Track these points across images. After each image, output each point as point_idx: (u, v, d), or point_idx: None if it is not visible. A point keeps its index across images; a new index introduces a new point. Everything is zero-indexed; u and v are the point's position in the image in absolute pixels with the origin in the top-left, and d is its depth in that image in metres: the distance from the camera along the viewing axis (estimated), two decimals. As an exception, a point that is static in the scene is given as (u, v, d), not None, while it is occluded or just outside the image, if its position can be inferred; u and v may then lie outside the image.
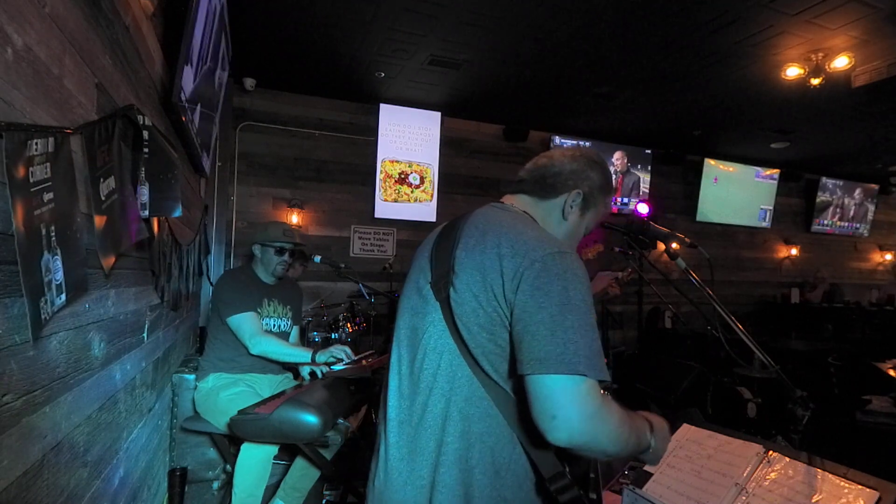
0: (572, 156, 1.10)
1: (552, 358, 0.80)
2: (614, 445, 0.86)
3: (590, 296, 0.88)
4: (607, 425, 0.84)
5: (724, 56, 3.93)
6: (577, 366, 0.80)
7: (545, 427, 0.80)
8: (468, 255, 0.93)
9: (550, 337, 0.82)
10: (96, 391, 1.31)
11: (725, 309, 1.38)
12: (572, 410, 0.79)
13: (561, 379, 0.80)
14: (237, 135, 4.82)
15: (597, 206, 1.11)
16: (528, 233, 0.93)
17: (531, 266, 0.86)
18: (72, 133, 1.02)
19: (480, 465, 0.90)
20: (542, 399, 0.81)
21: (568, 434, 0.80)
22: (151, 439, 2.09)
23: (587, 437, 0.81)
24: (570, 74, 4.41)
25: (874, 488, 0.98)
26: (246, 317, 2.36)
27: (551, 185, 1.08)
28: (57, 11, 1.01)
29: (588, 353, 0.82)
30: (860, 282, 8.63)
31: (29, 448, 0.92)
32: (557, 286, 0.85)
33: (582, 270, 0.89)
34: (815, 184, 7.93)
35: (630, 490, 1.27)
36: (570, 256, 0.89)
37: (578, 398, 0.80)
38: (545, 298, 0.84)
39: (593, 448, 0.83)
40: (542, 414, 0.81)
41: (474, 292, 0.90)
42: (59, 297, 0.96)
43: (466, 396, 0.91)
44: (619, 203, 6.53)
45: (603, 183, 1.10)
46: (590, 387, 0.81)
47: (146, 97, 1.81)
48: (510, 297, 0.87)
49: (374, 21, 3.54)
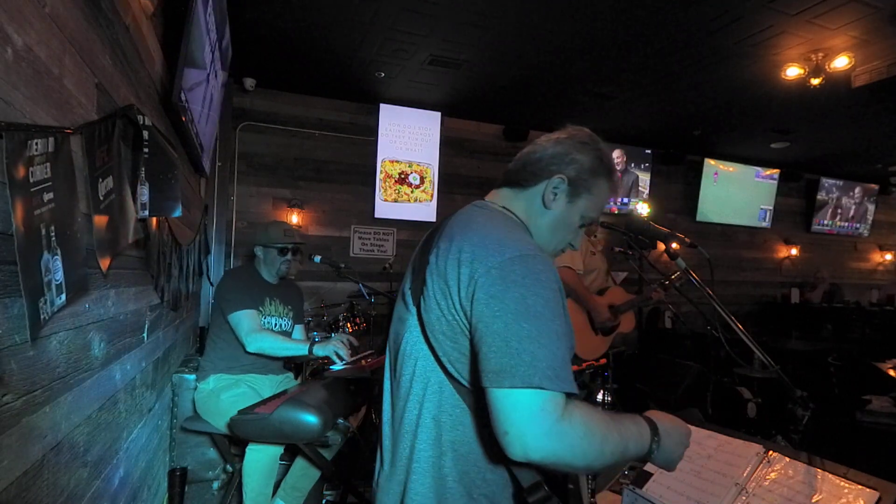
0: (557, 139, 1.00)
1: (505, 370, 0.76)
2: (582, 459, 0.78)
3: (557, 302, 0.82)
4: (569, 440, 0.76)
5: (724, 56, 3.93)
6: (531, 378, 0.74)
7: (500, 442, 0.76)
8: (437, 260, 0.90)
9: (504, 348, 0.77)
10: (96, 391, 1.31)
11: (725, 309, 1.38)
12: (524, 427, 0.74)
13: (513, 393, 0.75)
14: (237, 135, 4.82)
15: (590, 190, 1.00)
16: (493, 235, 0.87)
17: (487, 273, 0.81)
18: (72, 133, 1.02)
19: (453, 475, 0.87)
20: (496, 413, 0.77)
21: (522, 451, 0.74)
22: (151, 439, 2.09)
23: (545, 454, 0.75)
24: (570, 74, 4.41)
25: (874, 488, 0.98)
26: (246, 314, 2.37)
27: (531, 173, 1.00)
28: (57, 11, 1.01)
29: (546, 364, 0.76)
30: (860, 282, 8.62)
31: (29, 448, 0.92)
32: (514, 293, 0.79)
33: (547, 274, 0.83)
34: (815, 184, 7.93)
35: (630, 490, 1.27)
36: (533, 260, 0.83)
37: (531, 414, 0.74)
38: (500, 306, 0.79)
39: (556, 464, 0.77)
40: (496, 429, 0.77)
41: (437, 300, 0.87)
42: (59, 297, 0.96)
43: (439, 403, 0.89)
44: (618, 203, 6.53)
45: (595, 165, 0.99)
46: (546, 401, 0.75)
47: (146, 97, 1.81)
48: (465, 305, 0.83)
49: (374, 21, 3.54)
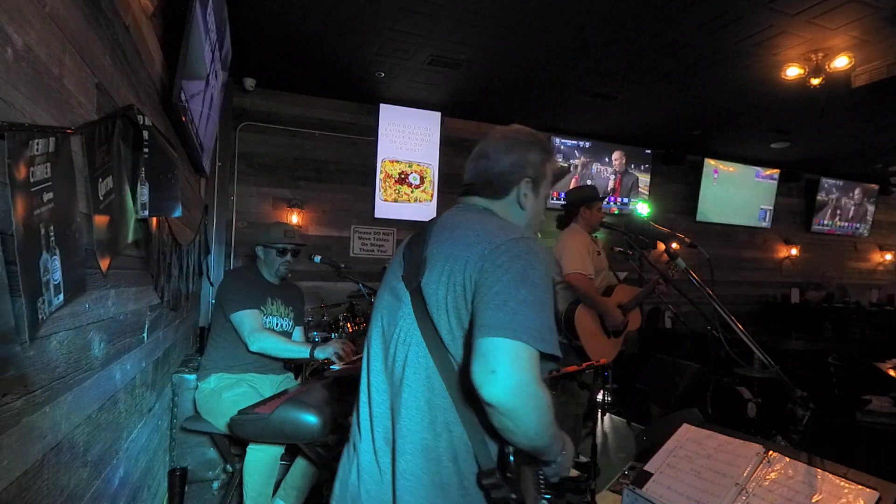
0: (507, 147, 1.10)
1: (500, 324, 0.84)
2: (539, 424, 0.86)
3: (549, 279, 0.93)
4: (539, 400, 0.85)
5: (724, 56, 3.93)
6: (522, 334, 0.83)
7: (482, 381, 0.82)
8: (439, 247, 0.99)
9: (502, 306, 0.86)
10: (96, 391, 1.31)
11: (725, 309, 1.38)
12: (511, 370, 0.82)
13: (504, 341, 0.83)
14: (237, 135, 4.82)
15: (546, 176, 1.14)
16: (493, 223, 1.01)
17: (496, 249, 0.92)
18: (72, 133, 1.02)
19: (448, 454, 0.93)
20: (484, 355, 0.84)
21: (502, 391, 0.81)
22: (151, 439, 2.09)
23: (519, 401, 0.82)
24: (570, 74, 4.41)
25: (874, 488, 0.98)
26: (248, 313, 2.38)
27: (500, 186, 1.10)
28: (57, 11, 1.01)
29: (535, 326, 0.85)
30: (860, 282, 8.62)
31: (29, 448, 0.92)
32: (518, 265, 0.90)
33: (544, 255, 0.94)
34: (815, 184, 7.93)
35: (630, 490, 1.27)
36: (532, 241, 0.96)
37: (518, 361, 0.83)
38: (503, 274, 0.89)
39: (520, 417, 0.83)
40: (482, 368, 0.83)
41: (444, 279, 0.95)
42: (57, 297, 0.96)
43: (432, 387, 0.95)
44: (619, 203, 6.53)
45: (542, 157, 1.12)
46: (530, 356, 0.84)
47: (146, 97, 1.81)
48: (475, 278, 0.92)
49: (374, 21, 3.54)
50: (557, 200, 6.10)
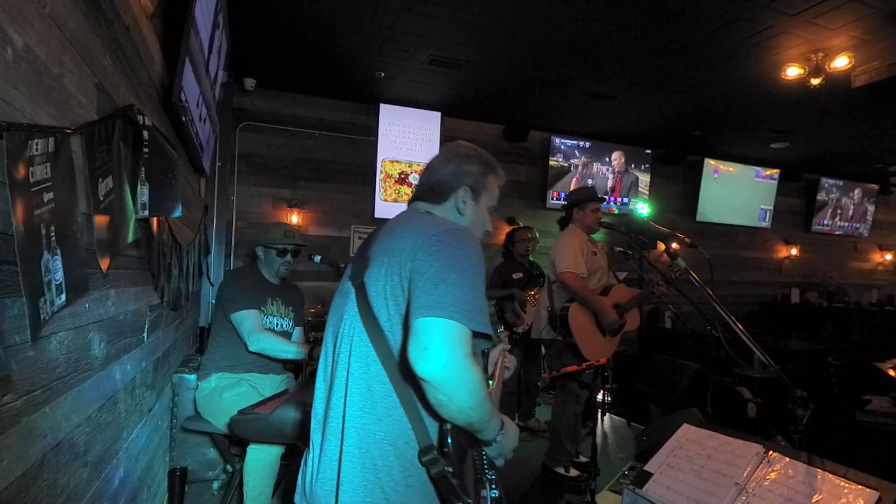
0: (447, 159, 1.22)
1: (431, 305, 0.91)
2: (471, 398, 0.91)
3: (480, 266, 1.00)
4: (471, 376, 0.90)
5: (724, 56, 3.93)
6: (452, 313, 0.90)
7: (416, 357, 0.88)
8: (381, 245, 1.08)
9: (433, 289, 0.93)
10: (96, 391, 1.31)
11: (725, 309, 1.38)
12: (442, 346, 0.88)
13: (435, 320, 0.90)
14: (237, 135, 4.82)
15: (487, 187, 1.23)
16: (431, 219, 1.11)
17: (428, 239, 1.00)
18: (72, 133, 1.02)
19: (388, 439, 0.98)
20: (418, 334, 0.89)
21: (434, 366, 0.87)
22: (151, 439, 2.09)
23: (450, 375, 0.87)
24: (570, 74, 4.41)
25: (874, 488, 0.98)
26: (248, 313, 2.38)
27: (440, 193, 1.20)
28: (57, 11, 1.01)
29: (466, 307, 0.92)
30: (860, 282, 8.62)
31: (29, 448, 0.92)
32: (448, 252, 0.98)
33: (474, 246, 1.02)
34: (815, 184, 7.93)
35: (630, 490, 1.27)
36: (463, 233, 1.04)
37: (448, 338, 0.89)
38: (435, 261, 0.96)
39: (452, 391, 0.89)
40: (415, 346, 0.89)
41: (383, 271, 1.03)
42: (59, 297, 0.96)
43: (373, 373, 1.01)
44: (618, 203, 6.53)
45: (483, 169, 1.22)
46: (462, 334, 0.91)
47: (146, 97, 1.81)
48: (410, 266, 0.99)
49: (374, 21, 3.54)
50: (558, 200, 6.11)
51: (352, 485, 0.97)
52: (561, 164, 6.17)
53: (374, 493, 0.97)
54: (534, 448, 3.49)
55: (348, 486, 0.98)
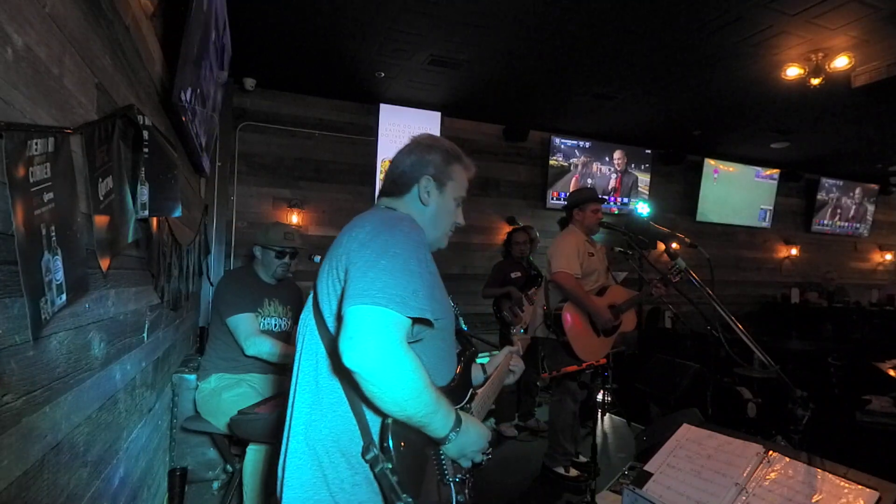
0: (408, 150, 1.20)
1: (358, 292, 0.88)
2: (405, 388, 0.87)
3: (416, 250, 0.97)
4: (402, 363, 0.86)
5: (724, 56, 3.93)
6: (380, 299, 0.87)
7: (343, 347, 0.85)
8: (333, 245, 1.07)
9: (362, 277, 0.90)
10: (96, 391, 1.31)
11: (725, 309, 1.38)
12: (369, 335, 0.85)
13: (362, 307, 0.87)
14: (237, 135, 4.82)
15: (452, 177, 1.20)
16: (376, 213, 1.08)
17: (362, 230, 1.00)
18: (72, 133, 1.02)
19: (331, 435, 0.97)
20: (345, 324, 0.87)
21: (360, 356, 0.84)
22: (151, 439, 2.09)
23: (378, 365, 0.84)
24: (570, 74, 4.41)
25: (874, 488, 0.98)
26: (244, 317, 2.37)
27: (403, 184, 1.18)
28: (57, 11, 1.01)
29: (396, 292, 0.88)
30: (860, 282, 8.62)
31: (29, 448, 0.92)
32: (379, 240, 0.96)
33: (411, 232, 1.00)
34: (815, 184, 7.93)
35: (630, 490, 1.27)
36: (401, 220, 1.02)
37: (375, 326, 0.85)
38: (365, 250, 0.95)
39: (383, 381, 0.85)
40: (343, 336, 0.86)
41: (327, 268, 1.03)
42: (60, 297, 0.96)
43: (320, 370, 1.01)
44: (619, 203, 6.53)
45: (445, 158, 1.19)
46: (391, 321, 0.87)
47: (146, 97, 1.81)
48: (344, 260, 0.98)
49: (374, 21, 3.54)
50: (558, 200, 6.11)
51: (299, 481, 0.97)
52: (561, 163, 6.17)
53: (320, 491, 0.95)
54: (534, 448, 3.49)
55: (295, 482, 0.97)
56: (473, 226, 5.85)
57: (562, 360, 2.89)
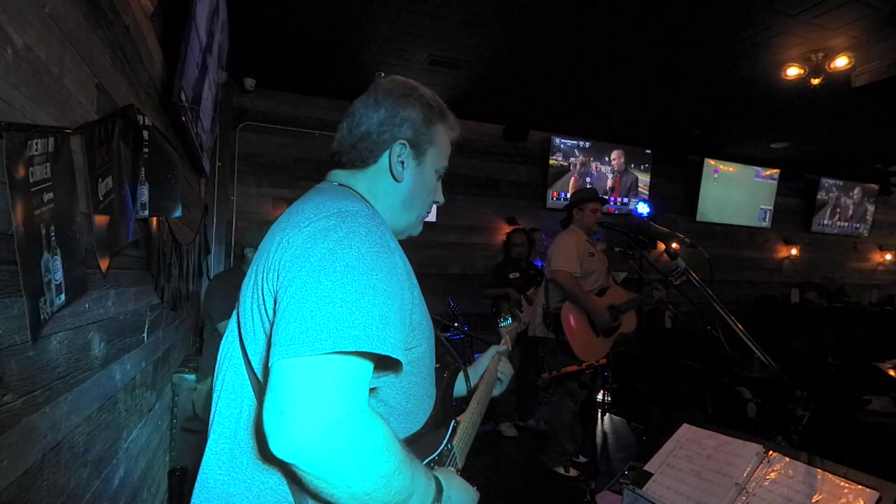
0: (375, 102, 0.86)
1: (291, 337, 0.58)
2: (368, 480, 0.58)
3: (383, 258, 0.67)
4: (362, 442, 0.58)
5: (724, 56, 3.93)
6: (323, 342, 0.57)
7: (269, 428, 0.56)
8: (260, 247, 0.77)
9: (297, 310, 0.60)
10: (96, 391, 1.31)
11: (725, 309, 1.38)
12: (307, 406, 0.55)
13: (295, 361, 0.57)
14: (237, 135, 4.82)
15: (433, 142, 0.88)
16: (317, 199, 0.75)
17: (300, 233, 0.68)
18: (72, 133, 1.02)
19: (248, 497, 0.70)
20: (272, 390, 0.58)
21: (296, 439, 0.54)
22: (151, 439, 2.09)
23: (325, 451, 0.55)
24: (570, 74, 4.41)
25: (874, 488, 0.98)
26: None
27: (366, 150, 0.85)
28: (57, 11, 1.01)
29: (350, 324, 0.59)
30: (860, 282, 8.62)
31: (29, 448, 0.92)
32: (321, 248, 0.64)
33: (369, 229, 0.69)
34: (815, 184, 7.94)
35: (630, 490, 1.27)
36: (353, 216, 0.70)
37: (318, 388, 0.56)
38: (302, 264, 0.64)
39: (332, 475, 0.56)
40: (268, 410, 0.57)
41: (252, 282, 0.74)
42: (59, 297, 0.96)
43: (247, 426, 0.72)
44: (618, 203, 6.53)
45: (426, 115, 0.87)
46: (347, 377, 0.58)
47: (146, 97, 1.81)
48: (271, 279, 0.68)
49: (374, 21, 3.54)
50: (558, 200, 6.11)
51: None
52: (561, 163, 6.17)
53: None
54: (534, 448, 3.49)
55: None
56: (473, 226, 5.85)
57: (562, 360, 2.89)
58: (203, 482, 0.75)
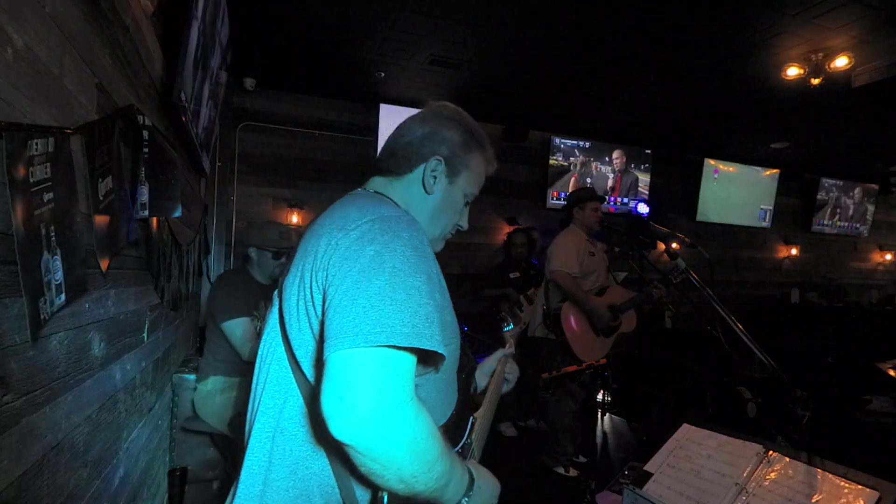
0: (422, 119, 0.95)
1: (347, 330, 0.64)
2: (416, 462, 0.65)
3: (424, 262, 0.73)
4: (413, 429, 0.64)
5: (724, 56, 3.93)
6: (377, 337, 0.63)
7: (329, 413, 0.62)
8: (301, 244, 0.83)
9: (350, 306, 0.66)
10: (96, 391, 1.31)
11: (725, 309, 1.38)
12: (366, 392, 0.61)
13: (354, 353, 0.63)
14: (237, 135, 4.82)
15: (468, 166, 0.96)
16: (358, 204, 0.82)
17: (347, 235, 0.73)
18: (72, 133, 1.02)
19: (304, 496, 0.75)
20: (330, 378, 0.63)
21: (355, 423, 0.60)
22: (151, 439, 2.09)
23: (381, 435, 0.61)
24: (570, 74, 4.41)
25: (874, 488, 0.98)
26: (238, 322, 2.35)
27: (404, 158, 0.94)
28: (57, 11, 1.01)
29: (400, 321, 0.65)
30: (860, 282, 8.62)
31: (29, 448, 0.92)
32: (370, 250, 0.70)
33: (410, 233, 0.74)
34: (815, 183, 7.93)
35: (630, 490, 1.27)
36: (395, 220, 0.75)
37: (375, 377, 0.63)
38: (351, 265, 0.69)
39: (387, 457, 0.62)
40: (328, 397, 0.62)
41: (297, 281, 0.79)
42: (59, 297, 0.96)
43: (291, 415, 0.78)
44: (618, 203, 6.53)
45: (465, 139, 0.95)
46: (397, 366, 0.64)
47: (146, 97, 1.81)
48: (321, 277, 0.73)
49: (374, 21, 3.54)
50: (558, 200, 6.11)
51: None
52: (561, 163, 6.17)
53: None
54: (534, 448, 3.49)
55: None
56: (473, 226, 5.84)
57: (562, 360, 2.90)
58: (248, 468, 0.79)
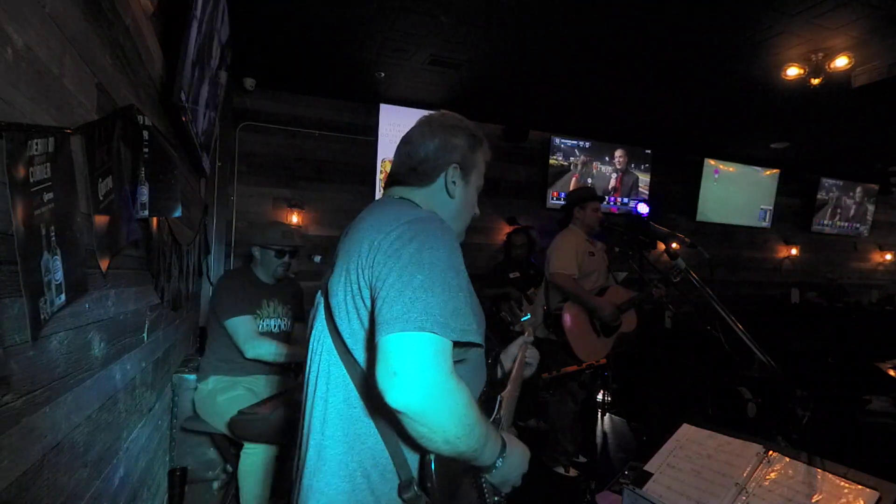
0: (430, 132, 1.06)
1: (397, 318, 0.77)
2: (458, 425, 0.78)
3: (451, 257, 0.85)
4: (454, 398, 0.77)
5: (724, 56, 3.93)
6: (423, 323, 0.76)
7: (385, 386, 0.75)
8: (343, 245, 0.96)
9: (398, 298, 0.78)
10: (96, 391, 1.31)
11: (725, 309, 1.38)
12: (415, 368, 0.74)
13: (403, 336, 0.76)
14: (237, 135, 4.82)
15: (476, 165, 1.11)
16: (394, 209, 0.94)
17: (386, 237, 0.86)
18: (72, 133, 1.02)
19: (360, 470, 0.88)
20: (385, 357, 0.76)
21: (408, 393, 0.73)
22: (151, 439, 2.09)
23: (429, 403, 0.74)
24: (570, 74, 4.41)
25: (874, 488, 0.98)
26: (242, 320, 2.35)
27: (424, 172, 1.05)
28: (57, 11, 1.01)
29: (440, 312, 0.78)
30: (860, 282, 8.62)
31: (29, 448, 0.92)
32: (410, 248, 0.83)
33: (443, 233, 0.87)
34: (815, 183, 7.93)
35: (630, 490, 1.27)
36: (428, 221, 0.89)
37: (422, 357, 0.75)
38: (396, 262, 0.82)
39: (435, 420, 0.75)
40: (383, 372, 0.75)
41: (343, 278, 0.90)
42: (59, 297, 0.96)
43: (347, 398, 0.90)
44: (619, 202, 6.53)
45: (471, 143, 1.09)
46: (439, 347, 0.77)
47: (146, 97, 1.81)
48: (367, 274, 0.86)
49: (374, 21, 3.54)
50: (558, 200, 6.11)
51: None
52: (561, 163, 6.17)
53: None
54: (534, 448, 3.49)
55: None
56: (473, 226, 5.83)
57: (562, 360, 2.89)
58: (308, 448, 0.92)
